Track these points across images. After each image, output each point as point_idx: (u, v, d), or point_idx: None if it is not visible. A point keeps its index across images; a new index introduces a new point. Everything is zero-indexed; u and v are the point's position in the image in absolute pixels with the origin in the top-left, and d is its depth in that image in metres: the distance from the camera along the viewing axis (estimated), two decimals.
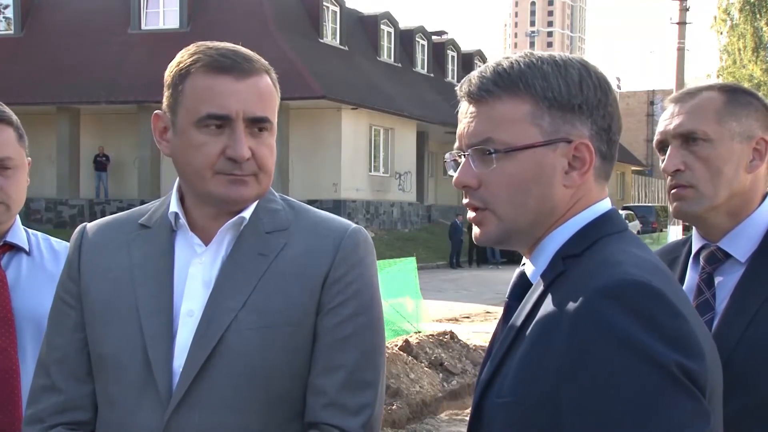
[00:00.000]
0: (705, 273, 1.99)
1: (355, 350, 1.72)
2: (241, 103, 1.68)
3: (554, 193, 1.40)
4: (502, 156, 1.39)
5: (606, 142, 1.43)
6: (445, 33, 41.02)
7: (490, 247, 2.62)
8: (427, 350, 9.38)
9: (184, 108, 1.71)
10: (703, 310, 1.94)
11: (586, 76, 1.41)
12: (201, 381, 1.68)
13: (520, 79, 1.40)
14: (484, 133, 1.41)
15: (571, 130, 1.40)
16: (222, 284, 1.73)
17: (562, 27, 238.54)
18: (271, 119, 1.73)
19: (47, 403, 1.81)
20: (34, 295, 2.33)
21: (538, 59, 1.42)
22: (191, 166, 1.72)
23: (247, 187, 1.72)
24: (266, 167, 1.74)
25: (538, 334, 1.33)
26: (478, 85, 1.42)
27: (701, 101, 1.98)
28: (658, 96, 73.02)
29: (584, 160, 1.40)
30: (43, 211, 28.09)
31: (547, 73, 1.40)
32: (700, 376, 1.25)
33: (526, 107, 1.40)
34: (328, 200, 26.82)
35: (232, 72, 1.69)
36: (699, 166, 1.95)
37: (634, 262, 1.32)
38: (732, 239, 1.97)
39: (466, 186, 1.44)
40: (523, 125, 1.39)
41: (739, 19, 33.13)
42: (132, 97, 26.19)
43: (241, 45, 1.80)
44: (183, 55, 1.74)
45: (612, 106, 1.44)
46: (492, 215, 1.43)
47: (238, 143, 1.68)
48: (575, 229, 1.41)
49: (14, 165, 2.33)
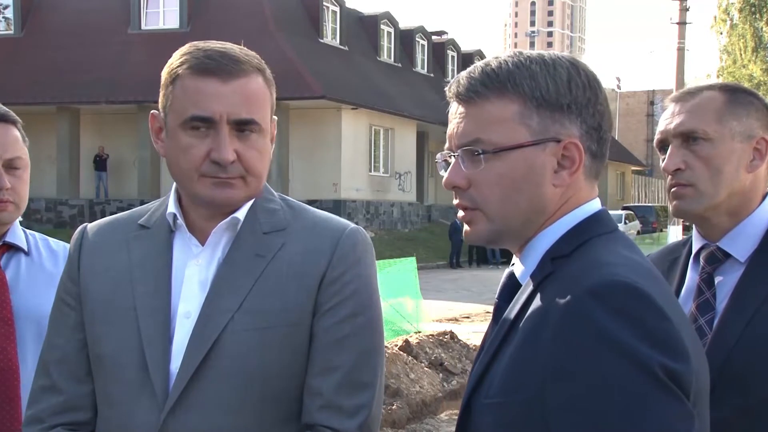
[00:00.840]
0: (705, 273, 1.98)
1: (352, 351, 1.71)
2: (225, 105, 1.68)
3: (544, 192, 1.40)
4: (490, 156, 1.40)
5: (596, 141, 1.43)
6: (445, 33, 41.04)
7: (481, 246, 2.62)
8: (427, 350, 9.38)
9: (173, 110, 1.72)
10: (704, 310, 1.95)
11: (575, 75, 1.41)
12: (197, 382, 1.68)
13: (509, 79, 1.40)
14: (472, 134, 1.41)
15: (560, 129, 1.40)
16: (218, 285, 1.73)
17: (562, 27, 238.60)
18: (259, 121, 1.71)
19: (47, 404, 1.81)
20: (34, 295, 2.33)
21: (526, 59, 1.42)
22: (179, 168, 1.72)
23: (233, 189, 1.72)
24: (253, 170, 1.73)
25: (526, 335, 1.33)
26: (466, 86, 1.43)
27: (702, 101, 1.98)
28: (658, 96, 73.03)
29: (574, 159, 1.40)
30: (43, 211, 28.09)
31: (535, 73, 1.40)
32: (684, 378, 1.25)
33: (514, 107, 1.40)
34: (328, 200, 26.82)
35: (216, 74, 1.68)
36: (699, 165, 1.95)
37: (622, 263, 1.32)
38: (732, 239, 1.97)
39: (456, 186, 1.44)
40: (512, 125, 1.40)
41: (739, 19, 33.12)
42: (132, 97, 26.20)
43: (242, 45, 1.79)
44: (175, 56, 1.74)
45: (602, 104, 1.43)
46: (482, 215, 1.43)
47: (221, 146, 1.68)
48: (565, 230, 1.41)
49: (23, 165, 2.36)
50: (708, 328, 1.92)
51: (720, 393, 1.76)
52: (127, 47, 28.31)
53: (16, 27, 30.30)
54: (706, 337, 1.90)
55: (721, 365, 1.82)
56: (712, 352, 1.83)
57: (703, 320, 1.93)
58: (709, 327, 1.92)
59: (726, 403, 1.78)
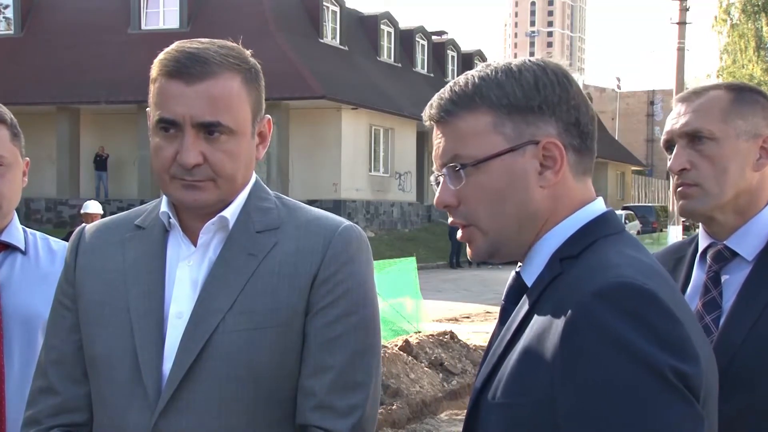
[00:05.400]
0: (712, 271, 1.98)
1: (345, 351, 1.70)
2: (189, 108, 1.66)
3: (532, 196, 1.41)
4: (471, 170, 1.41)
5: (577, 136, 1.43)
6: (445, 33, 41.05)
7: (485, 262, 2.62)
8: (427, 350, 9.38)
9: (151, 111, 1.73)
10: (710, 309, 1.94)
11: (542, 76, 1.42)
12: (188, 383, 1.67)
13: (475, 93, 1.42)
14: (451, 151, 1.43)
15: (535, 131, 1.40)
16: (210, 286, 1.72)
17: (562, 27, 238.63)
18: (227, 123, 1.68)
19: (44, 405, 1.80)
20: (25, 295, 2.32)
21: (492, 70, 1.44)
22: (154, 168, 1.73)
23: (202, 192, 1.70)
24: (222, 172, 1.70)
25: (534, 337, 1.33)
26: (438, 107, 1.45)
27: (707, 100, 1.97)
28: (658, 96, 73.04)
29: (555, 158, 1.40)
30: (43, 211, 28.10)
31: (501, 82, 1.42)
32: (694, 380, 1.24)
33: (486, 118, 1.41)
34: (328, 200, 26.82)
35: (181, 77, 1.67)
36: (705, 165, 1.94)
37: (631, 264, 1.32)
38: (739, 238, 1.96)
39: (447, 205, 1.45)
40: (487, 136, 1.41)
41: (740, 18, 33.11)
42: (132, 97, 26.17)
43: (241, 45, 1.78)
44: (158, 57, 1.74)
45: (575, 99, 1.43)
46: (476, 230, 1.44)
47: (184, 149, 1.67)
48: (571, 231, 1.41)
49: (7, 163, 2.33)
50: (714, 326, 1.91)
51: (726, 391, 1.75)
52: (127, 47, 28.30)
53: (16, 27, 30.31)
54: (713, 335, 1.89)
55: (727, 364, 1.81)
56: (718, 350, 1.81)
57: (709, 318, 1.93)
58: (715, 325, 1.91)
59: (732, 402, 1.76)
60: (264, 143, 1.81)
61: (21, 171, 2.39)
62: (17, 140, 2.38)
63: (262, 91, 1.78)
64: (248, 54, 1.77)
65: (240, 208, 1.77)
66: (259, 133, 1.79)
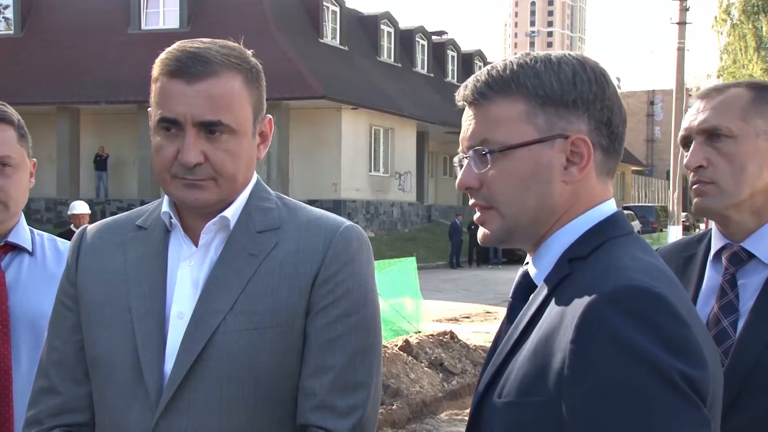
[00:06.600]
0: (728, 273, 1.94)
1: (346, 351, 1.70)
2: (189, 107, 1.67)
3: (553, 190, 1.40)
4: (498, 155, 1.41)
5: (607, 136, 1.43)
6: (445, 33, 41.06)
7: (494, 247, 2.62)
8: (427, 350, 9.38)
9: (152, 110, 1.73)
10: (727, 312, 1.91)
11: (581, 71, 1.41)
12: (189, 384, 1.67)
13: (512, 79, 1.41)
14: (480, 135, 1.43)
15: (566, 125, 1.40)
16: (210, 286, 1.72)
17: (562, 27, 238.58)
18: (228, 122, 1.69)
19: (46, 405, 1.81)
20: (32, 295, 2.32)
21: (532, 59, 1.43)
22: (155, 167, 1.73)
23: (203, 191, 1.70)
24: (223, 171, 1.71)
25: (542, 337, 1.32)
26: (472, 89, 1.45)
27: (727, 98, 1.94)
28: (658, 96, 73.04)
29: (582, 155, 1.40)
30: (43, 211, 28.10)
31: (539, 71, 1.41)
32: (702, 385, 1.24)
33: (519, 106, 1.41)
34: (328, 200, 26.82)
35: (182, 76, 1.67)
36: (722, 163, 1.91)
37: (640, 267, 1.32)
38: (756, 239, 1.92)
39: (469, 187, 1.45)
40: (518, 124, 1.41)
41: (740, 18, 33.10)
42: (132, 97, 26.17)
43: (241, 44, 1.78)
44: (159, 56, 1.74)
45: (610, 99, 1.43)
46: (496, 213, 1.44)
47: (185, 148, 1.67)
48: (581, 231, 1.41)
49: (14, 164, 2.33)
50: (732, 330, 1.88)
51: (748, 396, 1.73)
52: (127, 47, 28.30)
53: (16, 27, 30.31)
54: (731, 339, 1.86)
55: (750, 368, 1.78)
56: (739, 354, 1.80)
57: (726, 322, 1.89)
58: (733, 329, 1.88)
59: (754, 406, 1.75)
60: (265, 143, 1.81)
61: (28, 172, 2.39)
62: (24, 141, 2.38)
63: (264, 91, 1.79)
64: (249, 54, 1.77)
65: (241, 208, 1.77)
66: (260, 132, 1.79)
